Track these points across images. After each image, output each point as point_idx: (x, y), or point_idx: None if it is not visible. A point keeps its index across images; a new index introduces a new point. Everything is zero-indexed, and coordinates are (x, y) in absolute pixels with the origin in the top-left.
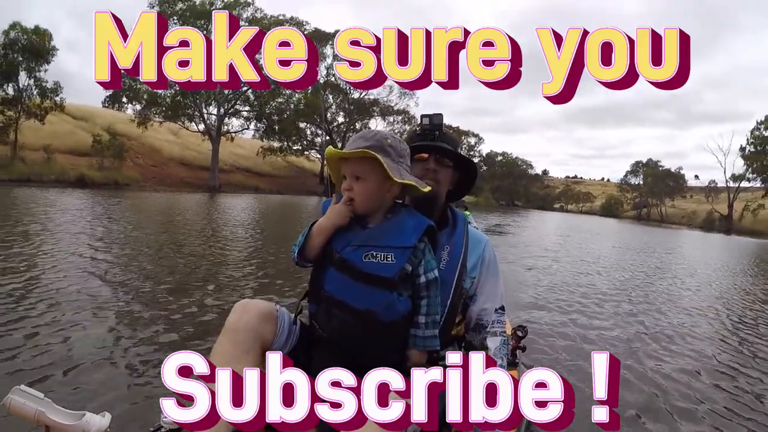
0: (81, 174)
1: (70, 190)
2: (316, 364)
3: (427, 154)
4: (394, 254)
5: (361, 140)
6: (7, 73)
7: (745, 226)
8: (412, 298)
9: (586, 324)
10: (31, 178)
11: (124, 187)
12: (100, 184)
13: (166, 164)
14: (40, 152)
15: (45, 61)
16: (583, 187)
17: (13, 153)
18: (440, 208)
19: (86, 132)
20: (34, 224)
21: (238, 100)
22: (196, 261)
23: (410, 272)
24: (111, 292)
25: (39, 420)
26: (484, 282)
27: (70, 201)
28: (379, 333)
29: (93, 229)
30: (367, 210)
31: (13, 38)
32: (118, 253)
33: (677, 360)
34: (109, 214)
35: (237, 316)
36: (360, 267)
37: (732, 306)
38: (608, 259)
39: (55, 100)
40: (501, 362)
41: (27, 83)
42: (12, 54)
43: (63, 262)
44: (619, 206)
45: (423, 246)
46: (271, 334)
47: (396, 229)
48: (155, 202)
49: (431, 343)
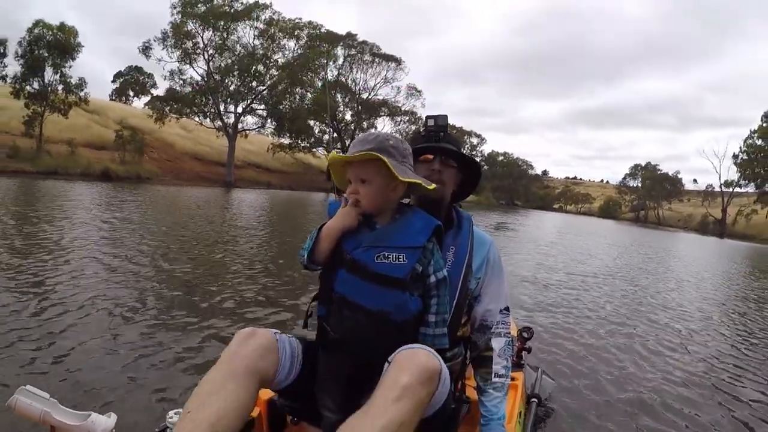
0: (106, 168)
1: (97, 183)
2: (323, 368)
3: (432, 155)
4: (405, 254)
5: (363, 143)
6: (33, 68)
7: (738, 230)
8: (422, 297)
9: (594, 324)
10: (58, 171)
11: (145, 180)
12: (123, 178)
13: (180, 159)
14: (60, 145)
15: (70, 57)
16: (583, 188)
17: (38, 146)
18: (445, 209)
19: (100, 125)
20: (107, 218)
21: (254, 100)
22: (225, 258)
23: (420, 272)
24: (127, 291)
25: (45, 420)
26: (488, 283)
27: (114, 193)
28: (390, 333)
29: (155, 222)
30: (374, 211)
31: (38, 35)
32: (156, 246)
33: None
34: (155, 208)
35: (235, 348)
36: (372, 268)
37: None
38: (605, 255)
39: (79, 96)
40: (506, 363)
41: (52, 78)
42: (38, 50)
43: (81, 256)
44: (617, 208)
45: (432, 246)
46: (272, 367)
47: (405, 230)
48: (183, 196)
49: (440, 341)
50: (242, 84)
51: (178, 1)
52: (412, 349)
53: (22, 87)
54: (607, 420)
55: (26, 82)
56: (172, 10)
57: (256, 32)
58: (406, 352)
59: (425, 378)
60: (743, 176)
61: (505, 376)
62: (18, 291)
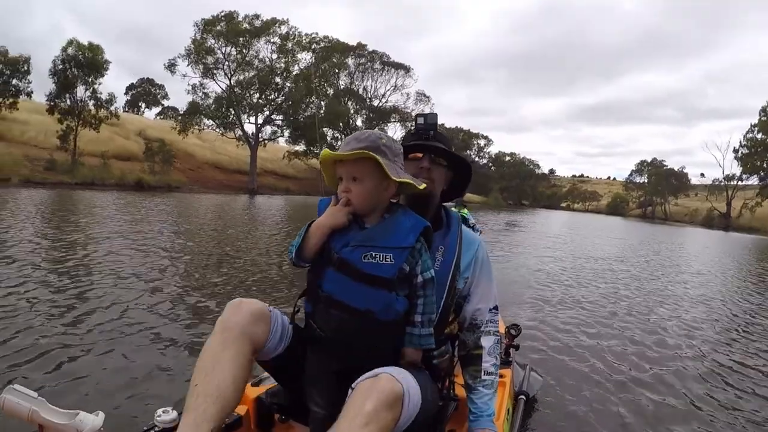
0: (139, 178)
1: (133, 193)
2: (311, 364)
3: (421, 153)
4: (392, 255)
5: (355, 141)
6: (65, 86)
7: (743, 223)
8: (408, 297)
9: (582, 321)
10: (95, 182)
11: (175, 189)
12: (155, 187)
13: (201, 168)
14: (90, 158)
15: (100, 74)
16: (590, 186)
17: (73, 159)
18: (434, 207)
19: (122, 137)
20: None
21: (274, 111)
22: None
23: (408, 272)
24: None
25: (32, 419)
26: (477, 282)
27: (156, 201)
28: (377, 332)
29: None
30: (365, 210)
31: (72, 54)
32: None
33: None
34: (199, 214)
35: (228, 315)
36: (359, 267)
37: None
38: (609, 251)
39: (110, 110)
40: (495, 361)
41: (83, 95)
42: (71, 68)
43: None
44: (624, 205)
45: (420, 246)
46: (263, 335)
47: (394, 230)
48: (217, 203)
49: (427, 341)
50: (262, 96)
51: (201, 20)
52: (374, 377)
53: (56, 104)
54: (595, 416)
55: (60, 99)
56: (194, 29)
57: (274, 47)
58: (368, 380)
59: (389, 402)
60: (745, 170)
61: (494, 374)
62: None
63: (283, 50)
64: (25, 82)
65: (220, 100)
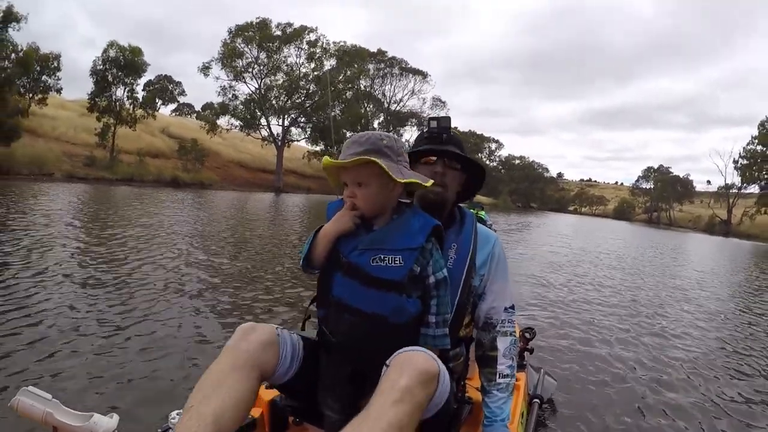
0: (175, 176)
1: (168, 190)
2: (325, 370)
3: (434, 157)
4: (402, 256)
5: (356, 145)
6: (103, 86)
7: (743, 230)
8: (421, 298)
9: (597, 324)
10: (134, 179)
11: (208, 187)
12: (189, 184)
13: (228, 166)
14: (125, 155)
15: (138, 75)
16: (597, 190)
17: (111, 156)
18: (447, 213)
19: (149, 135)
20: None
21: (300, 113)
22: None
23: (419, 273)
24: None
25: (47, 421)
26: (493, 280)
27: (199, 198)
28: (389, 335)
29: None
30: (373, 213)
31: (113, 57)
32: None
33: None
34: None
35: (237, 342)
36: (368, 271)
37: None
38: (618, 255)
39: (147, 110)
40: (511, 363)
41: (123, 94)
42: (113, 69)
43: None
44: (631, 210)
45: (430, 246)
46: (273, 360)
47: (402, 231)
48: (252, 199)
49: (441, 341)
50: (289, 100)
51: (234, 26)
52: (410, 351)
53: (95, 102)
54: (609, 421)
55: (99, 98)
56: (228, 34)
57: (304, 54)
58: (404, 355)
59: (424, 380)
60: (744, 179)
61: (510, 376)
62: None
63: (311, 56)
64: (55, 78)
65: (249, 102)
